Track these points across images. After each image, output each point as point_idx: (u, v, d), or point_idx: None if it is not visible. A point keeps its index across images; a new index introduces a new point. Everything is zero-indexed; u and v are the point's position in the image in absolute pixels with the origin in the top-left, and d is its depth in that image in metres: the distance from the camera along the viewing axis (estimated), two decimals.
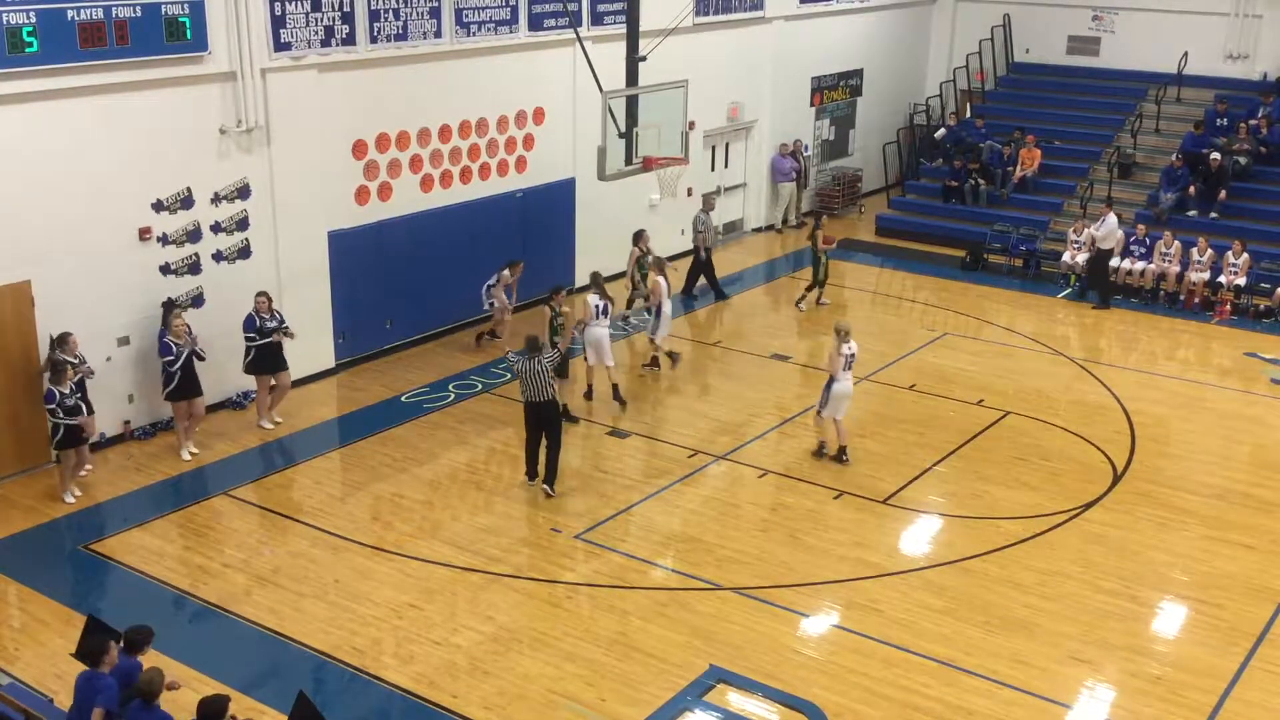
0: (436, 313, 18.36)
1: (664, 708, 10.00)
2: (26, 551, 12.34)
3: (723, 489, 14.00)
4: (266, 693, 9.98)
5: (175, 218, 14.76)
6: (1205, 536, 13.02)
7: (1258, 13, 25.17)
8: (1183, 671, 10.65)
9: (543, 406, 13.47)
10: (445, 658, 10.63)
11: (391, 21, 16.50)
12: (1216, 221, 22.14)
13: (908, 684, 10.37)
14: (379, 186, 17.13)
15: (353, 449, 14.85)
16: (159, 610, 11.24)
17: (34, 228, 13.37)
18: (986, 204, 24.36)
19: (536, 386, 13.34)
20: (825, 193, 26.60)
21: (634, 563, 12.27)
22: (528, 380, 13.35)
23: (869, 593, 11.79)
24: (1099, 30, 27.12)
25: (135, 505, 13.30)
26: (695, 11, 20.73)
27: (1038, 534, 12.97)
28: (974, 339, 19.07)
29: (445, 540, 12.63)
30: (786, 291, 21.72)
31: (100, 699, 8.27)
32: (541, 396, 13.41)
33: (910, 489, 13.94)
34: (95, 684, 8.38)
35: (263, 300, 14.88)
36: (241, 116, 15.09)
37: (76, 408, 13.02)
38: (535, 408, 13.51)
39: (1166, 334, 19.66)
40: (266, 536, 12.75)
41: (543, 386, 13.34)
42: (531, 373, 13.27)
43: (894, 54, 28.00)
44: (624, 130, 15.57)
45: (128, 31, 13.59)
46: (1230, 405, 16.67)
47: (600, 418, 15.73)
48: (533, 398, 13.45)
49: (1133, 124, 24.88)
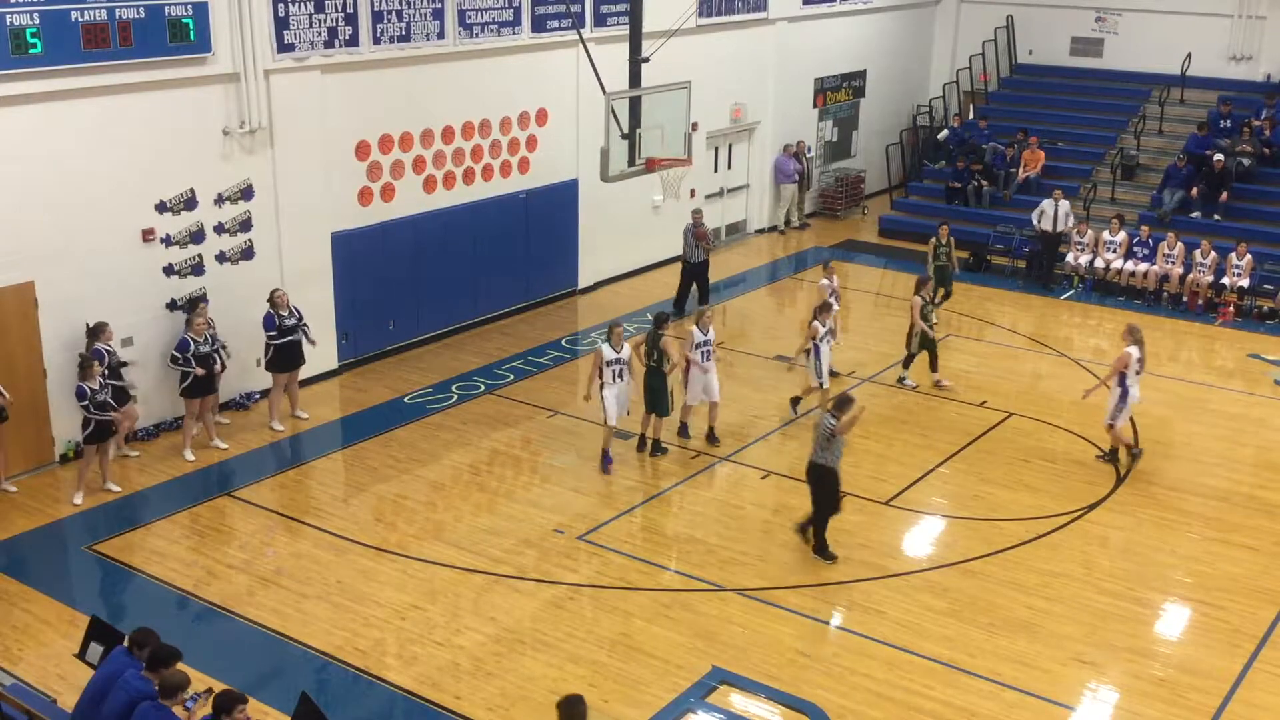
0: (440, 314, 18.38)
1: (667, 709, 10.00)
2: (30, 552, 12.36)
3: (726, 490, 13.99)
4: (269, 694, 9.98)
5: (179, 219, 14.78)
6: (1208, 538, 13.01)
7: (1261, 14, 25.15)
8: (1186, 673, 10.64)
9: (808, 468, 12.46)
10: (448, 659, 10.64)
11: (395, 23, 16.51)
12: (1219, 223, 22.13)
13: (910, 685, 10.37)
14: (382, 187, 17.14)
15: (356, 450, 14.86)
16: (162, 611, 11.26)
17: (37, 229, 13.39)
18: (989, 205, 24.36)
19: (814, 447, 12.36)
20: (828, 194, 26.61)
21: (637, 564, 12.27)
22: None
23: (872, 594, 11.79)
24: (1102, 31, 27.11)
25: (139, 506, 13.32)
26: (698, 13, 20.74)
27: (1040, 535, 12.96)
28: (976, 340, 19.06)
29: (448, 541, 12.63)
30: (789, 293, 21.74)
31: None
32: (812, 457, 12.39)
33: (913, 490, 13.93)
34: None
35: (281, 296, 14.91)
36: (245, 118, 15.11)
37: (107, 403, 13.05)
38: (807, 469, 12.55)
39: (1169, 335, 19.63)
40: (270, 537, 12.76)
41: (815, 448, 12.32)
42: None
43: (897, 55, 28.00)
44: (627, 131, 15.56)
45: (131, 33, 13.60)
46: (1233, 407, 16.65)
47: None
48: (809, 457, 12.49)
49: (1136, 125, 24.86)
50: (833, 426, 12.08)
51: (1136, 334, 14.47)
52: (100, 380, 13.05)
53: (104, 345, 13.57)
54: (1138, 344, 14.31)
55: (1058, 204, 21.43)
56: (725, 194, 24.19)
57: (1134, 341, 14.33)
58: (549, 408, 16.09)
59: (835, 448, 12.16)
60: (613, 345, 13.99)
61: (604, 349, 14.00)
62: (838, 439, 12.14)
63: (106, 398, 13.09)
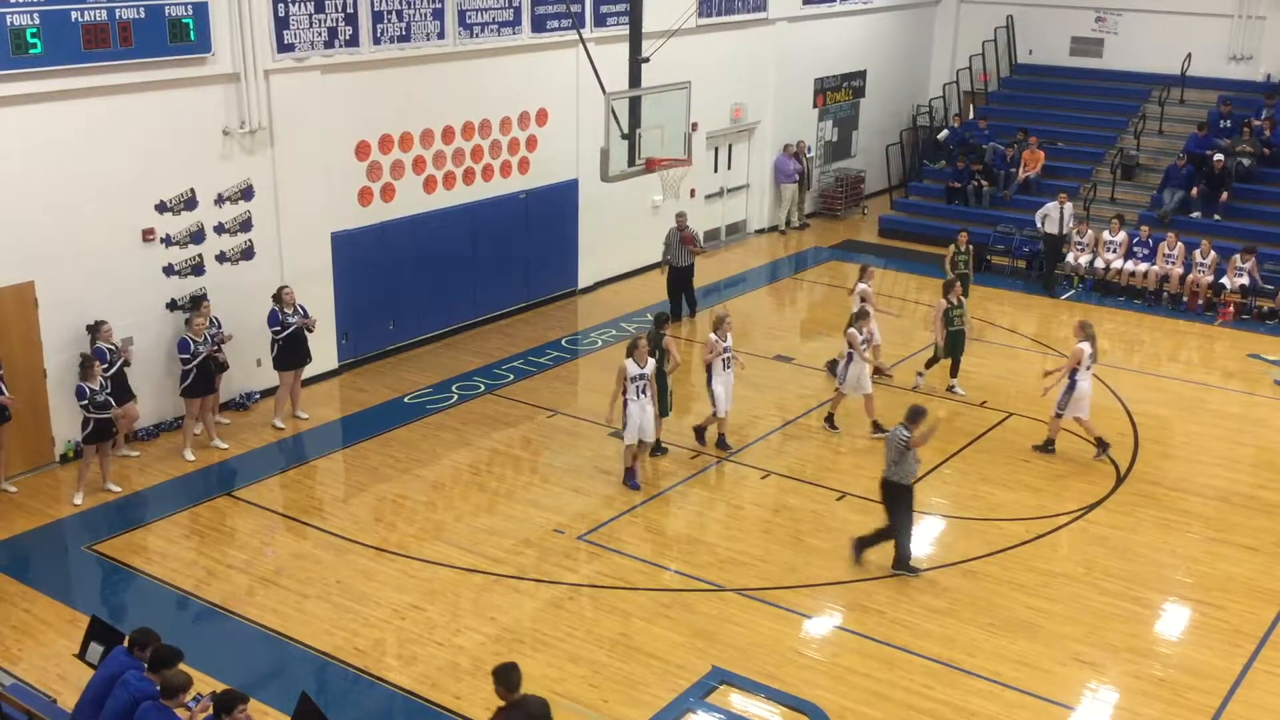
0: (440, 314, 18.38)
1: (666, 709, 10.00)
2: (30, 552, 12.36)
3: (726, 490, 14.00)
4: (269, 694, 9.97)
5: (179, 219, 14.78)
6: (1208, 538, 13.01)
7: (1261, 14, 25.16)
8: (1186, 673, 10.64)
9: (881, 484, 12.12)
10: (448, 659, 10.64)
11: (395, 23, 16.52)
12: (1219, 223, 22.13)
13: (910, 685, 10.37)
14: (382, 187, 17.14)
15: (356, 450, 14.86)
16: (162, 611, 11.27)
17: (37, 229, 13.39)
18: (989, 205, 24.36)
19: (886, 462, 11.99)
20: (828, 194, 26.62)
21: (636, 564, 12.27)
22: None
23: (872, 594, 11.79)
24: (1102, 31, 27.12)
25: (139, 506, 13.32)
26: (698, 13, 20.73)
27: (1040, 535, 12.97)
28: (977, 340, 19.04)
29: (448, 541, 12.64)
30: (790, 293, 21.74)
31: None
32: (885, 474, 12.04)
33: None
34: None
35: (289, 293, 14.94)
36: (245, 118, 15.11)
37: (107, 403, 13.05)
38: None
39: (1169, 335, 19.64)
40: (270, 537, 12.76)
41: (888, 464, 11.96)
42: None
43: (897, 55, 28.00)
44: (627, 131, 15.56)
45: (131, 33, 13.60)
46: (1233, 407, 16.65)
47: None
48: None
49: (1136, 125, 24.87)
50: (906, 440, 11.69)
51: (1088, 330, 14.75)
52: (101, 380, 13.06)
53: (105, 344, 13.59)
54: (1089, 339, 14.65)
55: (1062, 206, 21.34)
56: (725, 194, 24.19)
57: (1085, 337, 14.64)
58: (549, 408, 16.09)
59: (908, 463, 11.77)
60: (636, 361, 13.54)
61: (628, 365, 13.47)
62: (911, 453, 11.74)
63: (107, 397, 13.10)
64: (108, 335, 13.65)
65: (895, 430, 11.87)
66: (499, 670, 7.96)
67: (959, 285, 16.72)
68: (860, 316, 15.42)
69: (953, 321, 16.42)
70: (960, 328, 16.52)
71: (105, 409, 13.03)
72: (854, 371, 15.17)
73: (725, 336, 14.50)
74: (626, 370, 13.50)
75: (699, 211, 23.00)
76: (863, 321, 15.32)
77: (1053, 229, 21.48)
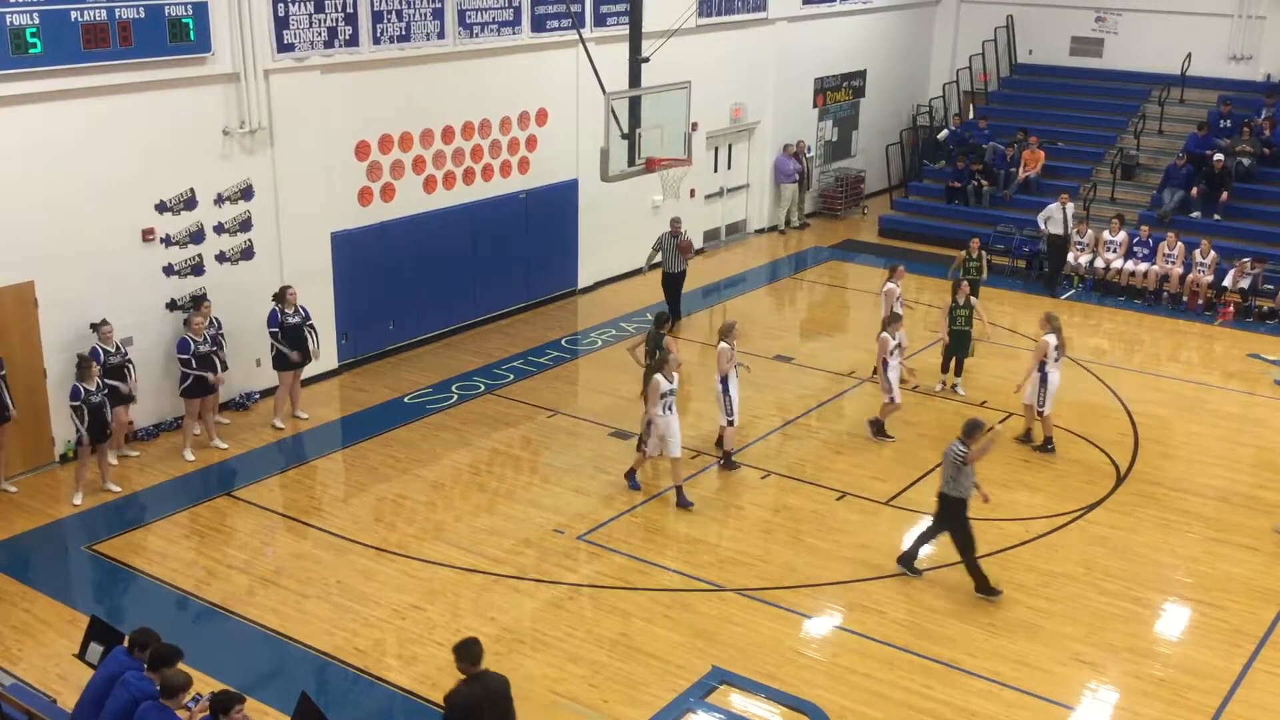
0: (440, 314, 18.38)
1: (666, 709, 10.00)
2: (30, 552, 12.36)
3: (725, 490, 13.99)
4: (269, 693, 9.98)
5: (178, 219, 14.78)
6: (1208, 538, 13.01)
7: (1261, 14, 25.16)
8: (1186, 673, 10.64)
9: (938, 499, 11.88)
10: (448, 659, 10.52)
11: (394, 23, 16.51)
12: (1219, 223, 22.13)
13: (910, 685, 10.37)
14: (382, 187, 17.14)
15: (356, 450, 14.86)
16: (162, 611, 11.26)
17: (37, 229, 13.39)
18: (989, 205, 24.36)
19: (943, 476, 11.82)
20: (828, 194, 26.62)
21: (636, 564, 12.27)
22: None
23: (872, 594, 11.79)
24: (1102, 31, 27.12)
25: (139, 506, 13.32)
26: (698, 13, 20.73)
27: (1040, 535, 12.97)
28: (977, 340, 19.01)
29: (448, 541, 12.64)
30: (789, 293, 21.73)
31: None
32: (941, 488, 11.79)
33: (913, 490, 13.92)
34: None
35: (292, 294, 14.95)
36: (245, 117, 15.11)
37: (102, 404, 13.03)
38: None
39: (1169, 335, 19.64)
40: (270, 537, 12.76)
41: (944, 478, 11.76)
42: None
43: (897, 55, 28.00)
44: (627, 131, 15.57)
45: (131, 33, 13.60)
46: (1233, 407, 16.65)
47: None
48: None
49: (1136, 125, 24.86)
50: (963, 455, 11.42)
51: (1054, 322, 14.91)
52: (98, 381, 13.04)
53: (101, 345, 13.53)
54: (1055, 332, 14.83)
55: (1065, 207, 21.30)
56: (725, 194, 24.19)
57: (1051, 330, 14.82)
58: (549, 408, 16.09)
59: (965, 478, 11.51)
60: (666, 376, 13.30)
61: (660, 380, 13.14)
62: (968, 468, 11.50)
63: (103, 398, 13.07)
64: (107, 336, 13.62)
65: (951, 446, 11.62)
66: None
67: (965, 285, 16.71)
68: (893, 320, 15.27)
69: (956, 321, 16.41)
70: (964, 328, 16.50)
71: (100, 410, 13.00)
72: (892, 377, 15.10)
73: (733, 345, 14.33)
74: (659, 386, 13.18)
75: (699, 211, 23.03)
76: (895, 325, 15.17)
77: (1056, 229, 21.38)
